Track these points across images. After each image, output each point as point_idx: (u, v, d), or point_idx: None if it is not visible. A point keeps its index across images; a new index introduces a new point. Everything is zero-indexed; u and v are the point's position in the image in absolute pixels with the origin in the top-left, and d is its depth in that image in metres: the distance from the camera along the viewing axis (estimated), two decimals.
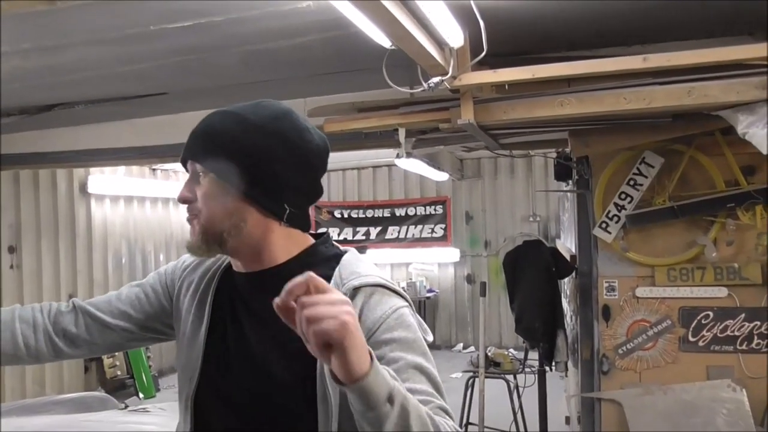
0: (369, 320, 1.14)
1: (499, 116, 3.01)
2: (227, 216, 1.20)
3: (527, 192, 8.87)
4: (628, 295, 3.72)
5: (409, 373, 1.11)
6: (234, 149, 1.19)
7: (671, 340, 3.64)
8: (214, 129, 1.22)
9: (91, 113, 4.28)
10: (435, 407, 1.09)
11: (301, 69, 3.56)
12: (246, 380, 1.23)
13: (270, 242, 1.23)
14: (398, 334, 1.14)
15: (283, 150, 1.21)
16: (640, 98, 2.87)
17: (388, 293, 1.19)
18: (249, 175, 1.19)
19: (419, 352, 1.15)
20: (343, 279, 1.19)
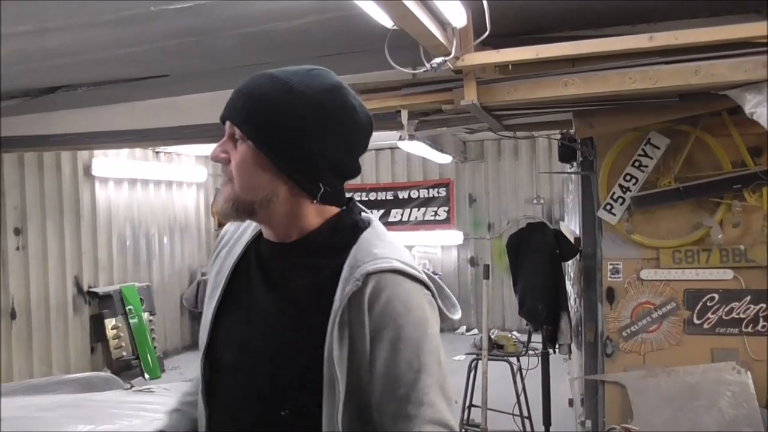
0: (377, 315, 1.13)
1: (503, 97, 2.98)
2: (260, 188, 1.17)
3: (531, 174, 8.83)
4: (633, 278, 3.70)
5: (409, 377, 1.12)
6: (277, 120, 1.14)
7: (676, 323, 3.63)
8: (260, 94, 1.16)
9: (93, 96, 4.26)
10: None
11: (302, 51, 3.53)
12: (239, 342, 1.23)
13: (300, 217, 1.21)
14: (404, 335, 1.13)
15: (328, 128, 1.16)
16: (646, 78, 2.84)
17: (402, 280, 1.15)
18: (289, 149, 1.15)
19: (420, 355, 1.13)
20: (358, 262, 1.15)
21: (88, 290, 6.94)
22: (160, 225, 8.13)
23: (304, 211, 1.21)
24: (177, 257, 8.43)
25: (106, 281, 7.20)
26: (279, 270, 1.23)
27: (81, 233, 6.87)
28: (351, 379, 1.12)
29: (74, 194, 6.79)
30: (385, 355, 1.12)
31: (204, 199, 8.98)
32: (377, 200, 9.26)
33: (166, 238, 8.24)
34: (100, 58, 3.44)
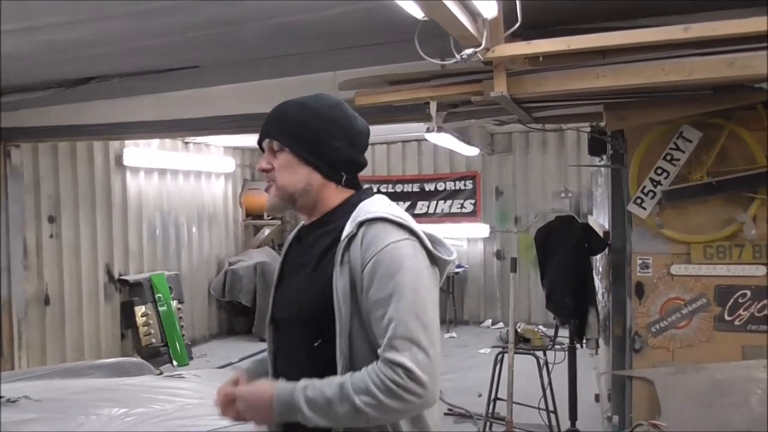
0: (364, 251, 1.44)
1: (533, 89, 2.95)
2: (299, 181, 1.57)
3: (559, 167, 8.74)
4: (663, 273, 3.66)
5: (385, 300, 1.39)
6: (304, 130, 1.56)
7: (706, 319, 3.58)
8: (288, 115, 1.59)
9: (125, 87, 4.33)
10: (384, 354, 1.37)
11: (331, 42, 3.54)
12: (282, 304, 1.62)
13: (326, 200, 1.60)
14: (379, 268, 1.41)
15: (339, 131, 1.58)
16: (680, 70, 2.78)
17: (389, 226, 1.46)
18: (315, 149, 1.56)
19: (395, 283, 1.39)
20: (356, 217, 1.49)
21: (119, 278, 7.07)
22: (189, 214, 8.23)
23: (330, 195, 1.60)
24: (205, 246, 8.54)
25: (136, 269, 7.32)
26: (309, 241, 1.61)
27: (112, 222, 6.99)
28: (354, 309, 1.44)
29: (106, 184, 6.91)
30: (368, 284, 1.42)
31: (232, 190, 9.07)
32: (403, 192, 9.26)
33: (195, 227, 8.34)
34: (131, 49, 3.49)
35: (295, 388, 1.40)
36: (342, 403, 1.36)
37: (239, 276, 8.31)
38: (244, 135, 7.66)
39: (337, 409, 1.36)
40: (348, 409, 1.35)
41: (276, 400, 1.40)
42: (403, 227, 1.47)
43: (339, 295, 1.43)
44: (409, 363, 1.35)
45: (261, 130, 1.63)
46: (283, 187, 1.58)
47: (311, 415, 1.37)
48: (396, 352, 1.35)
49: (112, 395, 2.20)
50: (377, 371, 1.36)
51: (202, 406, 2.19)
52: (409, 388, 1.34)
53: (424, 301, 1.41)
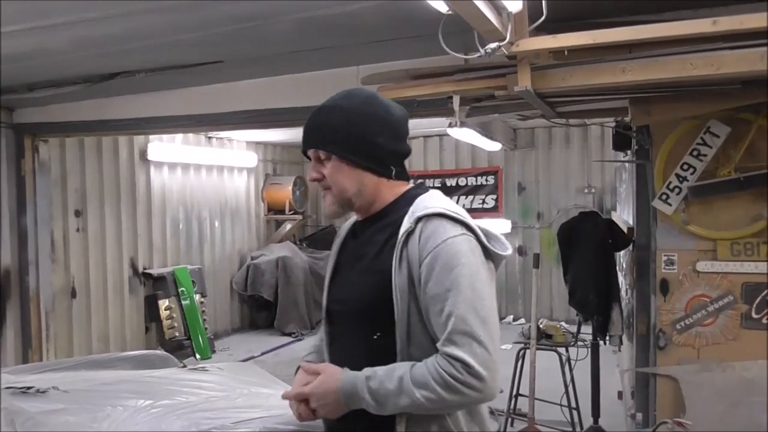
0: (422, 247, 1.46)
1: (557, 83, 2.92)
2: (352, 185, 1.59)
3: (582, 163, 8.67)
4: (688, 269, 3.61)
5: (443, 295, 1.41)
6: (346, 134, 1.56)
7: (733, 317, 3.53)
8: (327, 122, 1.59)
9: (150, 81, 4.37)
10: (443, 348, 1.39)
11: (356, 36, 3.54)
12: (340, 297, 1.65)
13: (381, 196, 1.61)
14: (438, 263, 1.43)
15: (379, 126, 1.58)
16: (708, 64, 2.74)
17: (446, 222, 1.48)
18: (360, 150, 1.57)
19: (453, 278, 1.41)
20: (413, 213, 1.51)
21: (143, 271, 7.15)
22: (212, 209, 8.30)
23: (384, 191, 1.61)
24: (228, 241, 8.60)
25: (160, 263, 7.40)
26: (366, 236, 1.63)
27: (137, 216, 7.07)
28: (413, 304, 1.46)
29: (131, 178, 6.99)
30: (425, 279, 1.44)
31: (254, 184, 9.13)
32: None
33: (218, 221, 8.41)
34: (157, 44, 3.52)
35: (357, 380, 1.44)
36: (402, 396, 1.39)
37: (261, 270, 8.37)
38: (266, 130, 7.74)
39: (398, 401, 1.40)
40: (408, 402, 1.40)
41: (342, 391, 1.45)
42: (460, 222, 1.49)
43: (397, 290, 1.46)
44: (467, 358, 1.37)
45: (303, 140, 1.65)
46: (339, 193, 1.60)
47: (374, 404, 1.42)
48: (455, 347, 1.38)
49: (138, 387, 2.23)
50: (436, 365, 1.39)
51: (226, 398, 2.22)
52: (467, 382, 1.37)
53: (481, 296, 1.43)
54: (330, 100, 1.64)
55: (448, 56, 2.75)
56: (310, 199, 9.63)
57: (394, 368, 1.44)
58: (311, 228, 10.03)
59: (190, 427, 1.82)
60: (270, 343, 7.83)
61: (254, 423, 1.91)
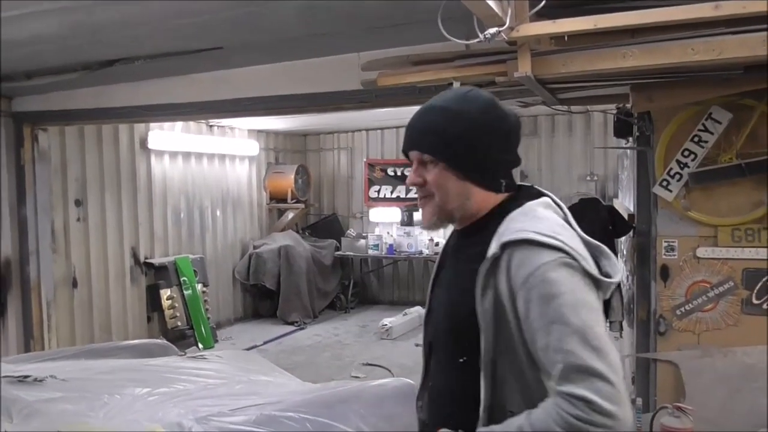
0: (513, 279, 1.35)
1: (558, 69, 2.90)
2: (457, 197, 1.50)
3: (585, 150, 8.64)
4: (689, 255, 3.60)
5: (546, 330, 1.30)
6: (459, 144, 1.47)
7: (733, 303, 3.52)
8: (440, 126, 1.49)
9: (150, 69, 4.35)
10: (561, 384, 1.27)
11: (357, 22, 3.51)
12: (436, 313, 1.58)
13: (483, 208, 1.52)
14: (533, 295, 1.32)
15: (495, 138, 1.49)
16: (709, 49, 2.71)
17: (535, 249, 1.35)
18: (471, 162, 1.48)
19: (553, 309, 1.30)
20: (500, 236, 1.40)
21: (145, 261, 7.16)
22: (214, 198, 8.30)
23: (489, 201, 1.52)
24: (230, 230, 8.60)
25: (162, 252, 7.41)
26: (456, 250, 1.57)
27: (138, 205, 7.07)
28: (498, 332, 1.37)
29: (131, 167, 6.98)
30: (524, 314, 1.33)
31: (256, 173, 9.11)
32: None
33: (219, 211, 8.41)
34: (156, 29, 3.50)
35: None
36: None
37: (263, 259, 8.37)
38: (268, 118, 7.72)
39: None
40: None
41: None
42: (551, 246, 1.35)
43: (481, 319, 1.38)
44: (589, 395, 1.23)
45: (408, 138, 1.55)
46: (441, 204, 1.51)
47: None
48: (572, 385, 1.25)
49: (136, 375, 2.24)
50: (557, 408, 1.26)
51: (225, 386, 2.22)
52: (593, 421, 1.23)
53: (589, 324, 1.29)
54: (442, 99, 1.53)
55: (449, 43, 2.72)
56: (312, 187, 9.62)
57: (510, 422, 1.33)
58: (314, 217, 10.03)
59: (188, 415, 1.82)
60: (273, 332, 7.85)
61: (251, 410, 1.92)
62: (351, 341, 7.42)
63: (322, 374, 5.75)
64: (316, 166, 10.06)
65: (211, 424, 1.80)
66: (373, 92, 3.92)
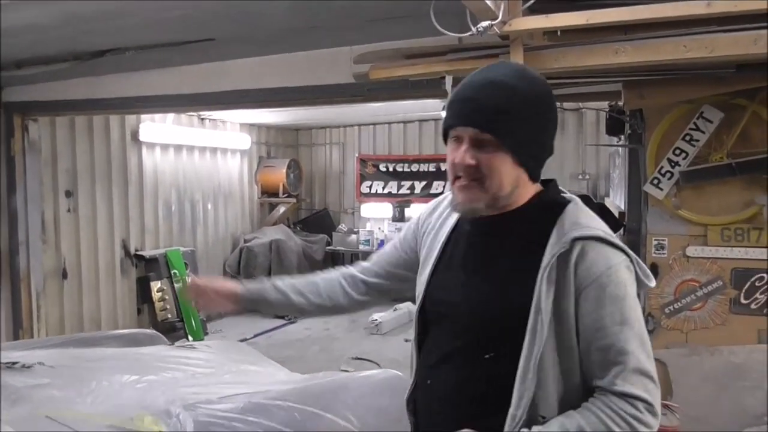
0: (582, 275, 1.30)
1: (551, 64, 2.90)
2: (510, 183, 1.37)
3: (577, 149, 8.66)
4: (678, 254, 3.62)
5: (613, 329, 1.28)
6: (527, 127, 1.35)
7: (722, 302, 3.55)
8: (503, 103, 1.34)
9: (140, 60, 4.33)
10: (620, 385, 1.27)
11: (350, 16, 3.51)
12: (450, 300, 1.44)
13: (517, 196, 1.41)
14: (605, 294, 1.29)
15: (549, 119, 1.41)
16: (701, 46, 2.72)
17: (605, 247, 1.32)
18: (529, 146, 1.38)
19: (621, 309, 1.29)
20: (564, 229, 1.34)
21: (135, 253, 7.13)
22: (205, 191, 8.27)
23: (524, 190, 1.41)
24: (221, 224, 8.58)
25: (152, 245, 7.38)
26: (495, 236, 1.43)
27: (128, 197, 7.04)
28: (555, 331, 1.30)
29: (122, 159, 6.94)
30: (590, 311, 1.29)
31: (248, 167, 9.09)
32: (419, 171, 9.24)
33: (210, 204, 8.38)
34: (147, 20, 3.48)
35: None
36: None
37: (254, 253, 8.36)
38: (260, 112, 7.70)
39: None
40: None
41: None
42: (619, 247, 1.34)
43: (542, 314, 1.29)
44: (647, 396, 1.27)
45: (461, 113, 1.38)
46: (493, 189, 1.37)
47: None
48: (632, 386, 1.27)
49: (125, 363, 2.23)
50: (614, 408, 1.27)
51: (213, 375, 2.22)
52: (646, 421, 1.27)
53: (644, 328, 1.33)
54: (503, 74, 1.38)
55: (442, 37, 2.72)
56: (304, 182, 9.61)
57: (561, 422, 1.29)
58: (305, 212, 10.02)
59: (175, 402, 1.82)
60: (263, 326, 7.83)
61: (239, 398, 1.92)
62: (341, 336, 7.42)
63: (311, 368, 5.72)
64: (308, 161, 10.05)
65: (199, 411, 1.80)
66: (365, 86, 3.91)
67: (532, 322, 1.31)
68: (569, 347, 1.32)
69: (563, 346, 1.32)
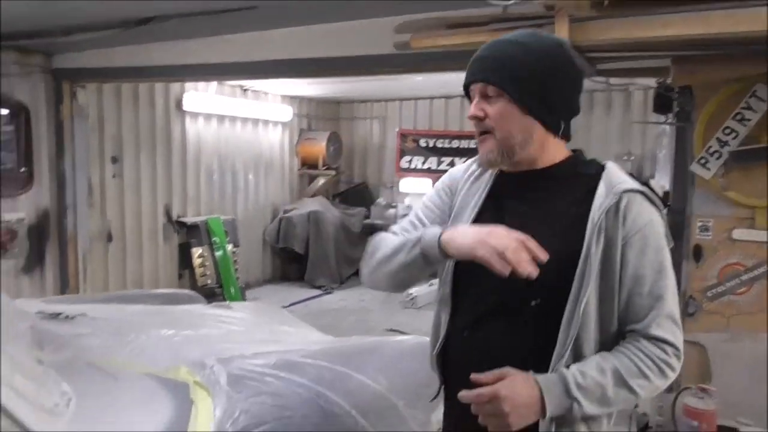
0: (629, 225, 1.40)
1: (597, 36, 2.83)
2: (519, 132, 1.45)
3: (623, 130, 8.45)
4: (723, 237, 3.54)
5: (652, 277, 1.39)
6: (528, 76, 1.42)
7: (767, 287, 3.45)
8: (509, 57, 1.44)
9: (185, 28, 4.37)
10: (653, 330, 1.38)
11: None
12: None
13: (547, 151, 1.49)
14: (648, 243, 1.39)
15: (564, 74, 1.47)
16: (756, 20, 2.62)
17: (647, 201, 1.43)
18: (537, 97, 1.43)
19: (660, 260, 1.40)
20: (612, 183, 1.43)
21: (177, 219, 7.28)
22: (246, 161, 8.36)
23: (550, 146, 1.49)
24: (261, 193, 8.68)
25: (194, 212, 7.52)
26: (534, 193, 1.50)
27: (172, 165, 7.16)
28: (602, 277, 1.39)
29: (166, 127, 7.06)
30: (633, 259, 1.39)
31: (288, 139, 9.15)
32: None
33: (251, 174, 8.48)
34: None
35: (567, 379, 1.35)
36: (617, 388, 1.36)
37: (293, 224, 8.44)
38: (302, 83, 7.72)
39: (611, 395, 1.36)
40: (623, 395, 1.37)
41: (547, 394, 1.35)
42: (655, 203, 1.45)
43: (591, 263, 1.37)
44: (674, 341, 1.38)
45: (472, 70, 1.49)
46: (503, 139, 1.45)
47: (587, 404, 1.36)
48: (663, 331, 1.38)
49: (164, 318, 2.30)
50: (646, 351, 1.37)
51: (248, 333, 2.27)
52: (673, 365, 1.39)
53: (674, 279, 1.43)
54: (512, 35, 1.50)
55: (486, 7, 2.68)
56: (343, 155, 9.63)
57: (597, 362, 1.37)
58: (344, 184, 10.05)
59: (209, 356, 1.87)
60: (300, 295, 7.95)
61: (272, 355, 1.96)
62: (376, 308, 7.47)
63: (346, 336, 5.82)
64: (349, 134, 10.05)
65: (232, 365, 1.84)
66: (408, 57, 3.87)
67: (581, 268, 1.38)
68: (611, 293, 1.40)
69: (605, 292, 1.40)
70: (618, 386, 1.36)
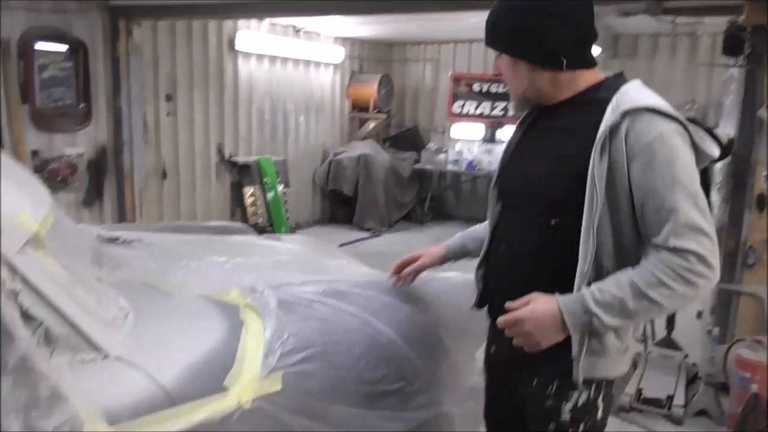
0: (632, 143, 1.43)
1: None
2: (523, 81, 1.60)
3: (687, 76, 8.08)
4: None
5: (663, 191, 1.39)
6: (507, 29, 1.58)
7: None
8: (495, 14, 1.61)
9: None
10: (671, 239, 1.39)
11: None
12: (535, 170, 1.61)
13: (559, 86, 1.58)
14: (655, 158, 1.40)
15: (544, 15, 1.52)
16: None
17: (655, 117, 1.43)
18: (526, 43, 1.55)
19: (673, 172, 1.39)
20: (618, 104, 1.46)
21: (229, 159, 7.38)
22: (297, 103, 8.36)
23: (563, 80, 1.57)
24: (312, 135, 8.70)
25: (246, 152, 7.61)
26: (556, 119, 1.61)
27: (224, 104, 7.23)
28: (609, 196, 1.45)
29: (219, 66, 7.09)
30: (641, 175, 1.42)
31: (339, 81, 9.08)
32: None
33: (302, 116, 8.49)
34: None
35: (584, 297, 1.43)
36: (636, 300, 1.41)
37: (343, 166, 8.47)
38: (354, 24, 7.60)
39: (632, 306, 1.41)
40: (644, 305, 1.41)
41: (566, 312, 1.44)
42: (670, 116, 1.44)
43: (597, 181, 1.44)
44: (698, 249, 1.38)
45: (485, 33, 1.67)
46: (514, 88, 1.65)
47: (607, 318, 1.42)
48: (683, 240, 1.38)
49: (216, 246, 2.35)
50: (665, 262, 1.39)
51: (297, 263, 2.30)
52: (700, 272, 1.38)
53: (698, 189, 1.41)
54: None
55: None
56: (395, 98, 9.52)
57: (616, 277, 1.44)
58: (395, 128, 9.97)
59: (258, 281, 1.91)
60: (348, 237, 8.03)
61: (321, 284, 1.98)
62: None
63: None
64: (400, 77, 9.90)
65: (282, 291, 1.88)
66: None
67: (589, 190, 1.45)
68: (620, 209, 1.46)
69: (615, 209, 1.46)
70: (637, 298, 1.40)
